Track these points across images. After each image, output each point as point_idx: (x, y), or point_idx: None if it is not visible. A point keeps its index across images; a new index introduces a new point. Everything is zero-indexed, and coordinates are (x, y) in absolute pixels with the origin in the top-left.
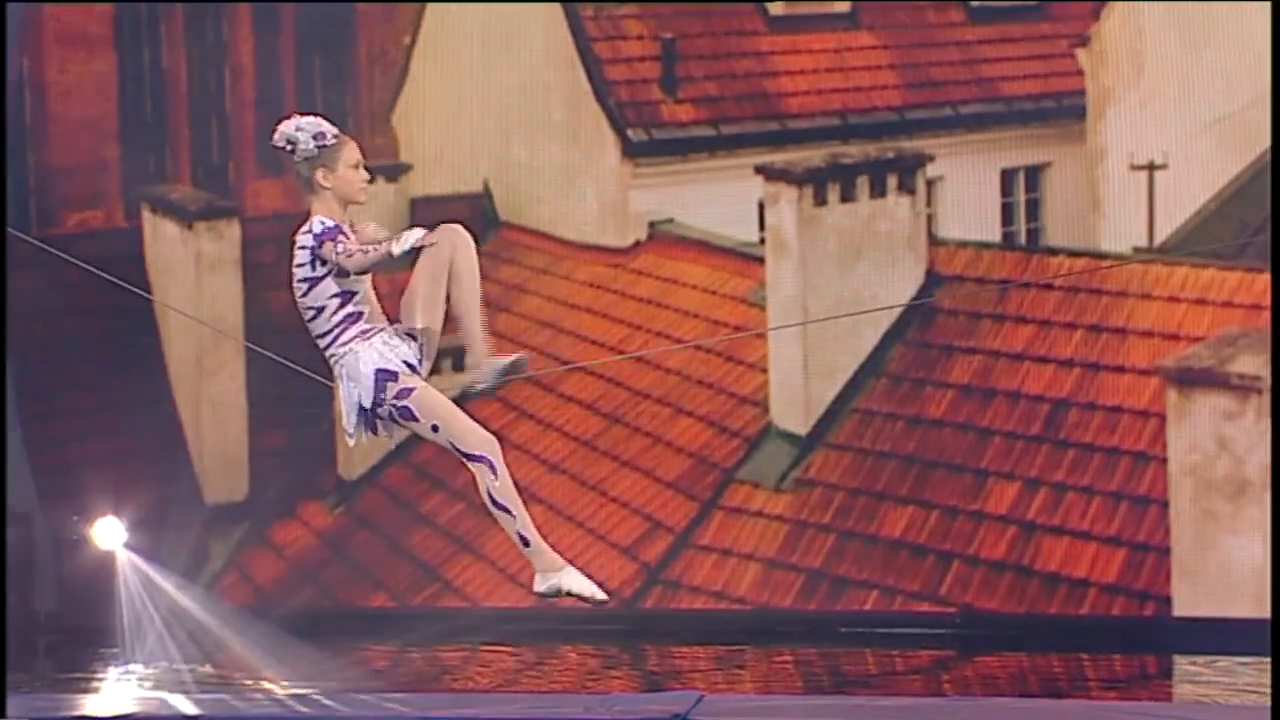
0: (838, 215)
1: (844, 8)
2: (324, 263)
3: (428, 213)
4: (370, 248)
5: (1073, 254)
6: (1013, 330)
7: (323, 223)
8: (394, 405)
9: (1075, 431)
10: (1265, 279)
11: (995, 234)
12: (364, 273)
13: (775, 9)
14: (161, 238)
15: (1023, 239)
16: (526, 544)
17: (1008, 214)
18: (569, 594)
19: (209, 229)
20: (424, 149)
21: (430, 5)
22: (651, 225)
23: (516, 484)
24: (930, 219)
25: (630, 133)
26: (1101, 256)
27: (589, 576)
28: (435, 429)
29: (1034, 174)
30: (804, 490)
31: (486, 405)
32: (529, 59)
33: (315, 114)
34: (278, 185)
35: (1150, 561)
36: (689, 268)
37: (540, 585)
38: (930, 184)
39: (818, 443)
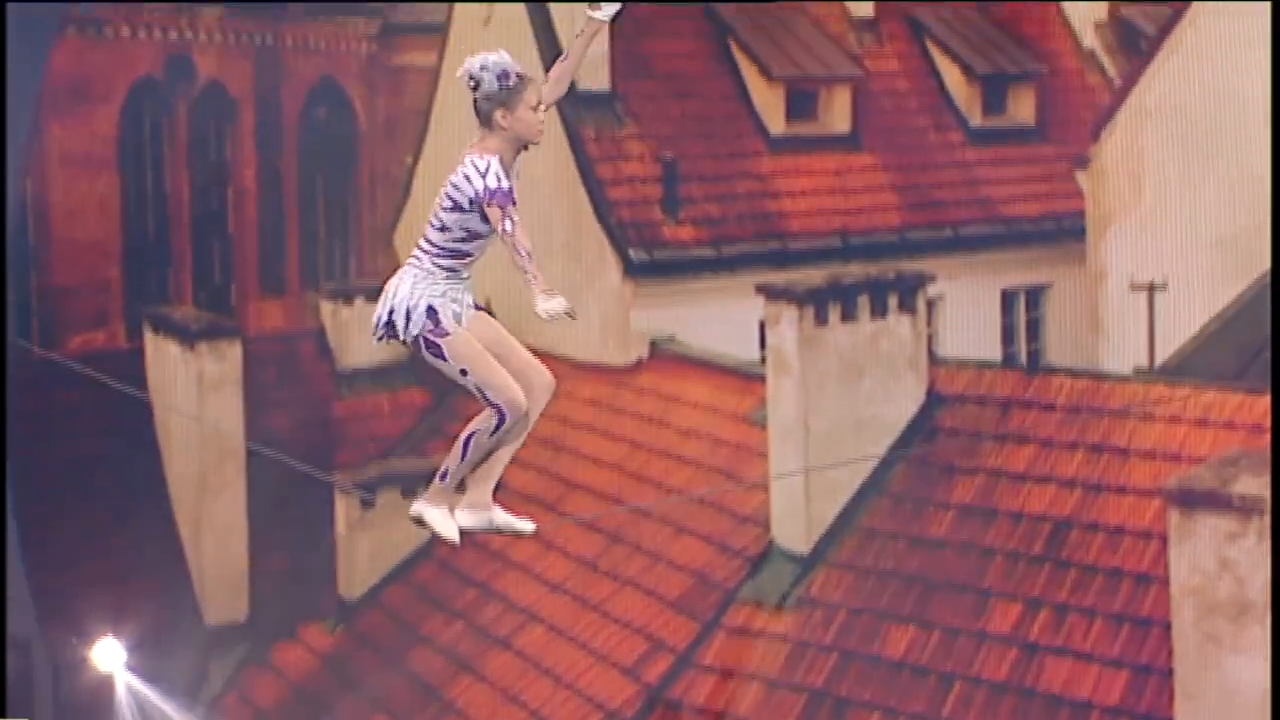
0: (839, 334)
1: (844, 129)
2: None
3: None
4: (525, 254)
5: (1074, 374)
6: (1014, 450)
7: (498, 177)
8: (426, 336)
9: (1077, 552)
10: (1266, 401)
11: (996, 353)
12: (581, 60)
13: (776, 129)
14: (163, 358)
15: (1023, 359)
16: (443, 479)
17: (1008, 334)
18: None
19: (211, 349)
20: None
21: (433, 127)
22: (653, 344)
23: (518, 605)
24: (931, 338)
25: (632, 253)
26: (1102, 377)
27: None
28: (464, 373)
29: (1034, 294)
30: (806, 609)
31: None
32: (531, 180)
33: (501, 51)
34: (279, 305)
35: (1153, 683)
36: (690, 386)
37: (418, 507)
38: (931, 304)
39: (819, 562)
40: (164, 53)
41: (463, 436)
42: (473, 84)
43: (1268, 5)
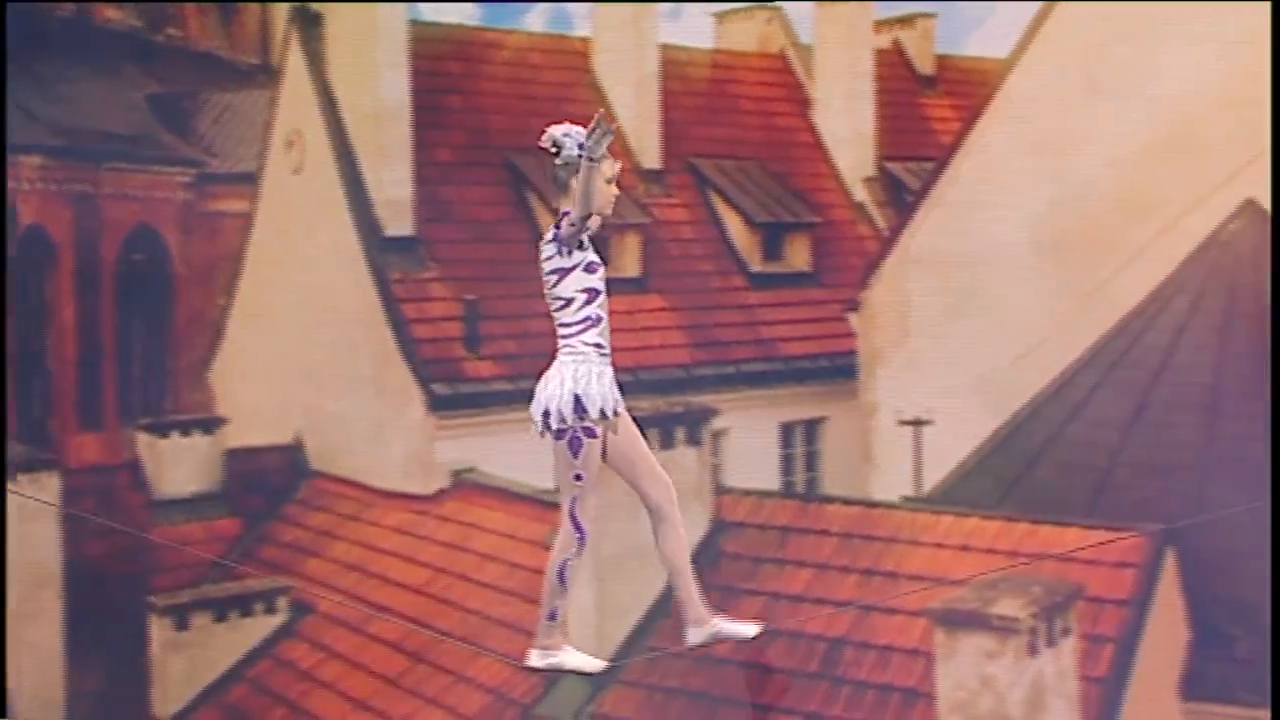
0: None
1: (635, 272)
2: (570, 252)
3: (242, 463)
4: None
5: (847, 503)
6: (793, 574)
7: (564, 213)
8: (578, 430)
9: (851, 669)
10: (1022, 527)
11: (775, 483)
12: (589, 198)
13: None
14: None
15: (801, 488)
16: (552, 618)
17: (787, 464)
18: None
19: (30, 480)
20: (240, 403)
21: (246, 270)
22: (455, 474)
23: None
24: (716, 469)
25: (435, 387)
26: (873, 506)
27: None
28: (578, 478)
29: (811, 428)
30: None
31: (295, 646)
32: (341, 319)
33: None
34: (97, 439)
35: None
36: (490, 514)
37: (535, 661)
38: (716, 436)
39: (611, 680)
40: None
41: (554, 572)
42: (554, 150)
43: (1026, 155)
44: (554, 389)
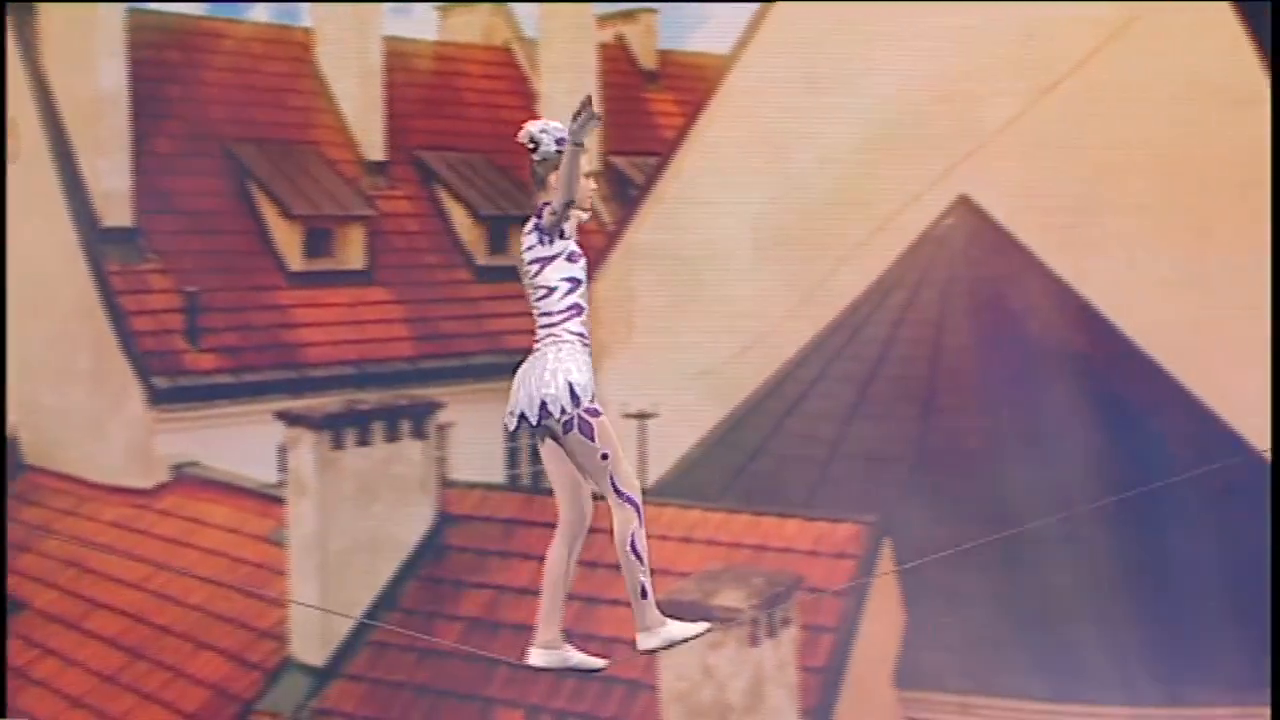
0: (354, 458)
1: (359, 265)
2: (552, 240)
3: None
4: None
5: None
6: (518, 566)
7: (545, 204)
8: (581, 414)
9: None
10: (744, 519)
11: (501, 476)
12: (572, 184)
13: (294, 265)
14: None
15: (527, 481)
16: (644, 595)
17: (513, 458)
18: (678, 643)
19: None
20: None
21: None
22: (175, 468)
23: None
24: (442, 462)
25: (154, 380)
26: (598, 498)
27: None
28: (604, 456)
29: None
30: None
31: (7, 643)
32: (58, 310)
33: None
34: None
35: None
36: (212, 508)
37: (648, 642)
38: (442, 429)
39: (335, 674)
40: None
41: (627, 548)
42: (532, 146)
43: (748, 148)
44: (545, 379)
